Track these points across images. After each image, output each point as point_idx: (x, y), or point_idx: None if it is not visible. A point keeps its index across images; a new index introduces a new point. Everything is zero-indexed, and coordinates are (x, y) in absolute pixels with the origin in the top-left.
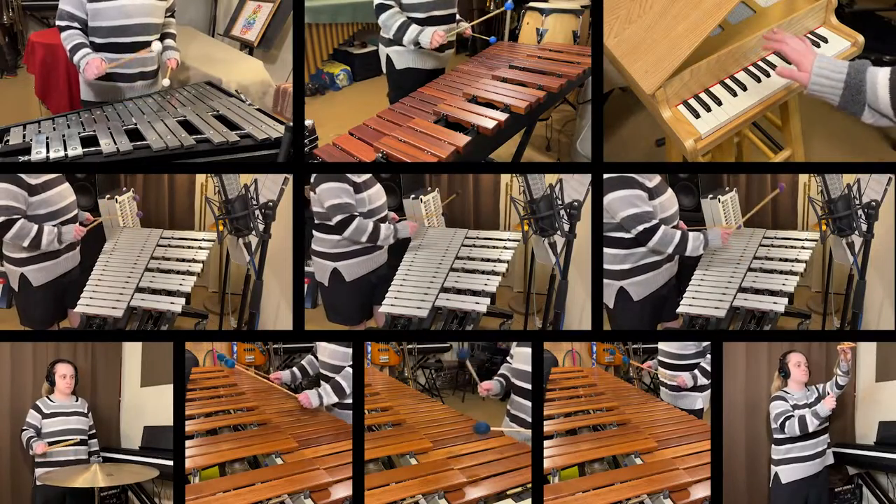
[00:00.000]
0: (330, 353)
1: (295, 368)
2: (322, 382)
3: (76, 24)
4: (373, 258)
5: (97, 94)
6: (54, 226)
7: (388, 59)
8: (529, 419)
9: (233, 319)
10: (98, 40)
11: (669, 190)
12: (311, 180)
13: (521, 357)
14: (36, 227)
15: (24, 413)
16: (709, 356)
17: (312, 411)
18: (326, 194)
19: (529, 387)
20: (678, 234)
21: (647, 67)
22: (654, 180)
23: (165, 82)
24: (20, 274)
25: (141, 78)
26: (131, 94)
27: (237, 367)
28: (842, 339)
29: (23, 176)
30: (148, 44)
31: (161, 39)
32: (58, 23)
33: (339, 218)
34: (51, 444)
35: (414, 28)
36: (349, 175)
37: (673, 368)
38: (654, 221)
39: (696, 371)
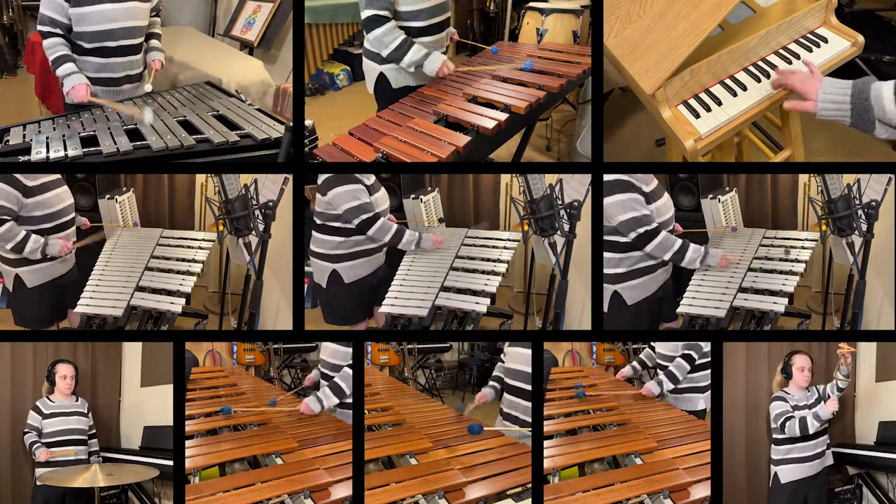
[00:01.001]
0: (331, 352)
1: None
2: (321, 383)
3: (58, 31)
4: (371, 260)
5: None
6: (45, 234)
7: (382, 77)
8: (522, 417)
9: (233, 319)
10: (85, 45)
11: (666, 194)
12: (318, 182)
13: (513, 356)
14: (23, 233)
15: (24, 413)
16: (679, 360)
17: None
18: (342, 198)
19: (522, 385)
20: (679, 241)
21: (647, 67)
22: (650, 184)
23: (148, 87)
24: (15, 274)
25: (127, 81)
26: (117, 98)
27: (236, 370)
28: (842, 339)
29: (19, 177)
30: (135, 48)
31: (146, 40)
32: (39, 28)
33: (362, 218)
34: (51, 445)
35: (418, 49)
36: (358, 176)
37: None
38: (654, 225)
39: (662, 376)
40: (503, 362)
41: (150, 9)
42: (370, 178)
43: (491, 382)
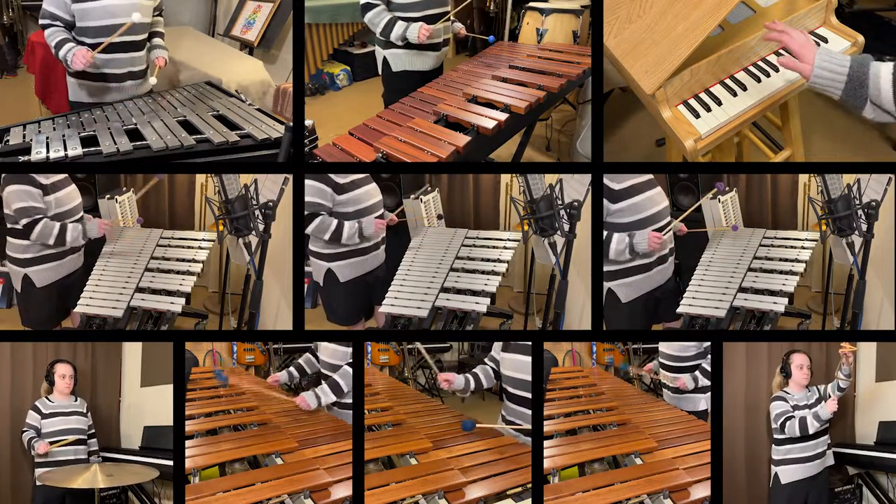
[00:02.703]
0: (330, 352)
1: (292, 368)
2: (322, 382)
3: (58, 24)
4: (366, 260)
5: (88, 94)
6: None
7: (385, 61)
8: (524, 425)
9: (233, 319)
10: (87, 40)
11: (653, 190)
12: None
13: (509, 363)
14: (58, 225)
15: (24, 413)
16: (710, 357)
17: (312, 411)
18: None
19: (521, 393)
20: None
21: (647, 67)
22: (625, 182)
23: (152, 80)
24: (24, 275)
25: (130, 77)
26: (121, 95)
27: (235, 370)
28: (842, 339)
29: (36, 176)
30: (137, 45)
31: (149, 38)
32: (41, 21)
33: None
34: (51, 443)
35: (400, 24)
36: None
37: (674, 371)
38: None
39: (696, 372)
40: (486, 363)
41: (154, 7)
42: (347, 176)
43: (467, 374)
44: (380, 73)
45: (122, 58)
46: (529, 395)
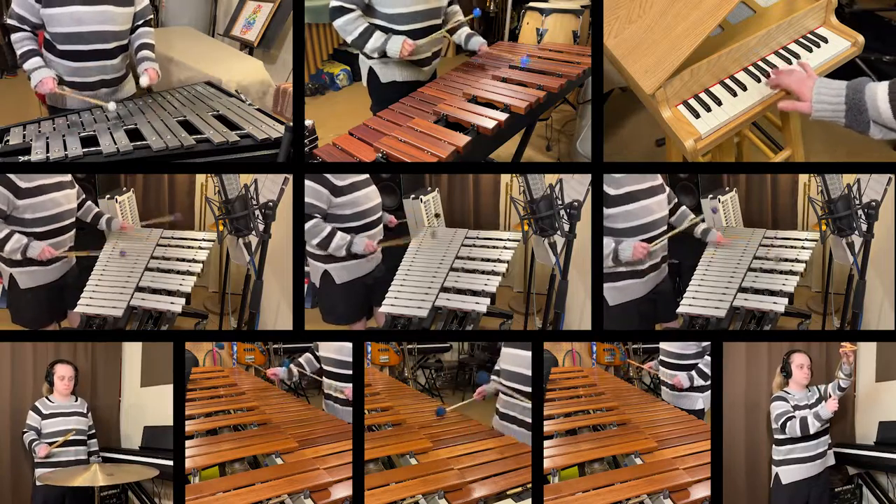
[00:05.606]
0: (335, 349)
1: (292, 366)
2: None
3: (26, 27)
4: (361, 263)
5: (62, 100)
6: (38, 238)
7: (371, 71)
8: (521, 417)
9: (233, 319)
10: (58, 46)
11: (652, 199)
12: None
13: (507, 358)
14: (7, 230)
15: (24, 413)
16: (708, 357)
17: (312, 411)
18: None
19: (518, 386)
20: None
21: (647, 67)
22: (622, 188)
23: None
24: (10, 275)
25: (102, 85)
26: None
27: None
28: (842, 339)
29: (13, 178)
30: (109, 53)
31: (137, 51)
32: (8, 21)
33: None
34: (51, 443)
35: (378, 35)
36: (329, 176)
37: (674, 368)
38: None
39: (693, 372)
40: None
41: (135, 15)
42: (346, 178)
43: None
44: (365, 83)
45: (93, 66)
46: (525, 388)
